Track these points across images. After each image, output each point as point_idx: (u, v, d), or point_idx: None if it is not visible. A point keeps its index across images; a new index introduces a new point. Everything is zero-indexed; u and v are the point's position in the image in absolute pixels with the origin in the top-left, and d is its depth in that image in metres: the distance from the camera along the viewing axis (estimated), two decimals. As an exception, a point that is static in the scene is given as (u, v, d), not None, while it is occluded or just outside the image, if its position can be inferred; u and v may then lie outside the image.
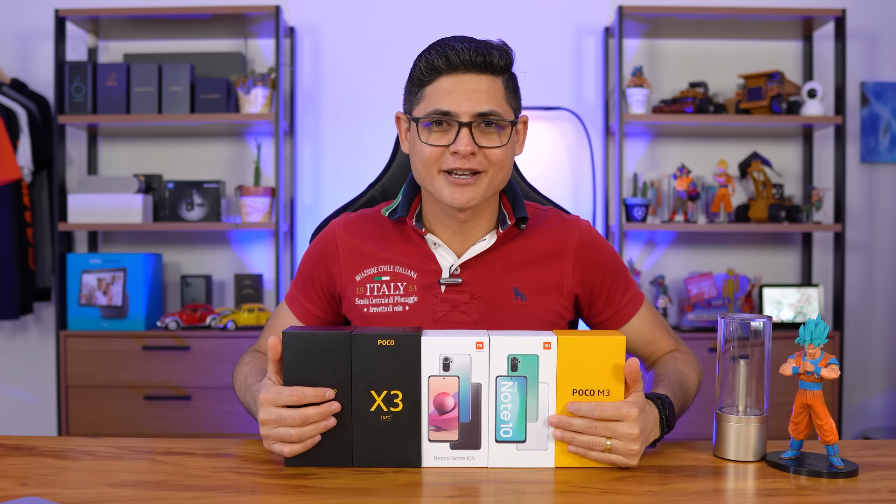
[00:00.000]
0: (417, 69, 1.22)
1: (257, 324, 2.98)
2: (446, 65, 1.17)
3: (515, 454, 1.04)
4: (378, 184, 1.55)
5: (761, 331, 1.07)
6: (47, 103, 3.21)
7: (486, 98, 1.17)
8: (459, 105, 1.17)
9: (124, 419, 2.92)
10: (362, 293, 1.27)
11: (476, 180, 1.19)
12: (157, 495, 0.94)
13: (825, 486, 0.98)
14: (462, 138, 1.16)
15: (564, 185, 3.29)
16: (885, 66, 3.31)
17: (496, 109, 1.18)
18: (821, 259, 3.29)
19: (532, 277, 1.27)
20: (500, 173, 1.21)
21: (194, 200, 3.09)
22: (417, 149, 1.21)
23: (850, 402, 3.32)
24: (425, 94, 1.20)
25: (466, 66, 1.17)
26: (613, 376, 1.03)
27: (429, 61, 1.19)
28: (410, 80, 1.25)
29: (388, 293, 1.26)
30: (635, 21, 3.09)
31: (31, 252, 3.09)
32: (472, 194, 1.19)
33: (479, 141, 1.18)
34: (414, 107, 1.23)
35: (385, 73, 3.27)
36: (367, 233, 1.31)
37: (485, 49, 1.18)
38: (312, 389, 1.02)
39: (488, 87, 1.18)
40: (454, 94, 1.17)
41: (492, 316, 1.25)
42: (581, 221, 1.31)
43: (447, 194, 1.19)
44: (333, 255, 1.30)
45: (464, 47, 1.17)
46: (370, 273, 1.28)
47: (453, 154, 1.18)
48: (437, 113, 1.18)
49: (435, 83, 1.19)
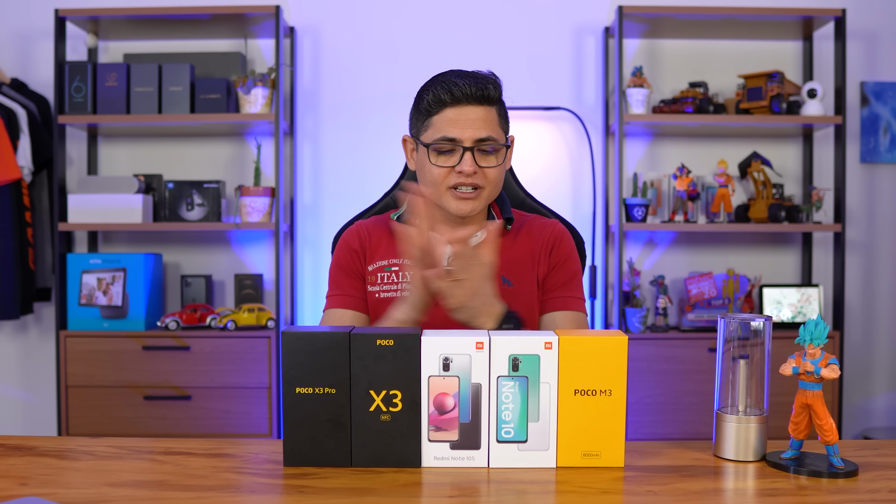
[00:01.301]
0: (425, 101, 1.43)
1: (257, 324, 2.98)
2: (451, 98, 1.40)
3: (517, 454, 1.04)
4: (392, 193, 1.75)
5: (761, 331, 1.07)
6: (47, 103, 3.21)
7: (484, 126, 1.41)
8: (463, 132, 1.40)
9: (124, 419, 2.92)
10: (373, 281, 1.50)
11: (477, 195, 1.43)
12: (157, 495, 0.94)
13: (825, 486, 0.98)
14: (466, 160, 1.40)
15: (564, 185, 3.29)
16: (885, 66, 3.31)
17: (492, 135, 1.41)
18: (821, 259, 3.29)
19: (516, 267, 1.49)
20: (495, 189, 1.47)
21: (194, 200, 3.09)
22: (427, 170, 1.43)
23: (850, 402, 3.32)
24: (432, 122, 1.42)
25: (468, 99, 1.40)
26: (615, 376, 1.03)
27: (435, 95, 1.41)
28: (417, 110, 1.46)
29: (398, 281, 1.48)
30: (635, 21, 3.09)
31: (31, 252, 3.09)
32: (474, 206, 1.44)
33: (479, 162, 1.41)
34: (421, 132, 1.45)
35: (385, 72, 3.27)
36: (380, 233, 1.54)
37: (482, 83, 1.41)
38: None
39: (485, 117, 1.41)
40: (458, 123, 1.40)
41: None
42: (558, 224, 1.55)
43: (454, 206, 1.43)
44: (359, 247, 1.53)
45: (465, 83, 1.40)
46: (381, 265, 1.50)
47: (458, 173, 1.40)
48: (445, 140, 1.40)
49: (441, 114, 1.41)
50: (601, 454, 1.04)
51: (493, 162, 1.42)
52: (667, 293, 3.15)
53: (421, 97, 1.45)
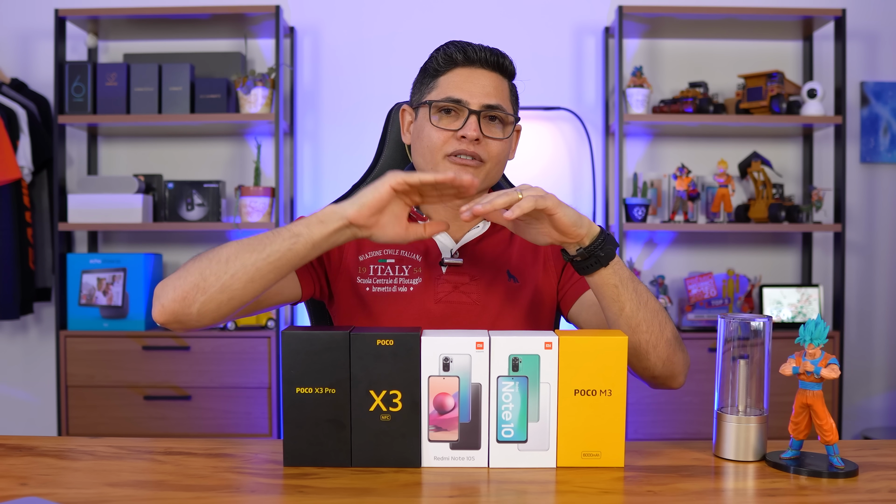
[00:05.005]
0: (434, 60, 1.31)
1: (257, 324, 2.97)
2: (463, 58, 1.28)
3: (517, 454, 1.04)
4: (363, 182, 1.58)
5: (761, 331, 1.07)
6: (47, 103, 3.21)
7: (494, 93, 1.28)
8: (471, 95, 1.26)
9: (124, 419, 2.92)
10: (364, 273, 1.33)
11: (478, 167, 1.28)
12: (157, 495, 0.94)
13: (825, 486, 0.98)
14: (470, 124, 1.25)
15: (564, 185, 3.29)
16: (885, 66, 3.31)
17: (502, 105, 1.28)
18: (821, 259, 3.29)
19: (521, 262, 1.37)
20: (496, 167, 1.31)
21: (194, 200, 3.09)
22: (426, 133, 1.29)
23: (850, 402, 3.32)
24: (439, 83, 1.29)
25: (481, 63, 1.28)
26: (615, 376, 1.03)
27: (447, 54, 1.29)
28: (424, 72, 1.33)
29: (393, 275, 1.33)
30: (635, 21, 3.09)
31: (31, 252, 3.09)
32: (473, 176, 1.25)
33: (484, 130, 1.27)
34: (425, 95, 1.31)
35: (385, 73, 3.27)
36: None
37: (498, 52, 1.30)
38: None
39: (497, 84, 1.29)
40: (467, 85, 1.27)
41: (490, 296, 1.33)
42: None
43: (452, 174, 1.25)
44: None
45: (480, 46, 1.29)
46: (374, 255, 1.34)
47: (460, 139, 1.26)
48: (450, 100, 1.27)
49: (449, 73, 1.29)
50: (601, 454, 1.04)
51: (498, 134, 1.28)
52: (667, 293, 3.15)
53: (430, 59, 1.32)
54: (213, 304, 1.10)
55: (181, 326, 1.14)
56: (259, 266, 1.09)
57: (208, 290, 1.09)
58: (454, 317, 1.31)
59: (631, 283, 1.15)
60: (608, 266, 1.12)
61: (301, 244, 1.09)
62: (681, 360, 1.20)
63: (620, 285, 1.13)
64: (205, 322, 1.13)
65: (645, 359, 1.17)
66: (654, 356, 1.17)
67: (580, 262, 1.14)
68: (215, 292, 1.09)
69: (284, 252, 1.09)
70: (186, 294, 1.10)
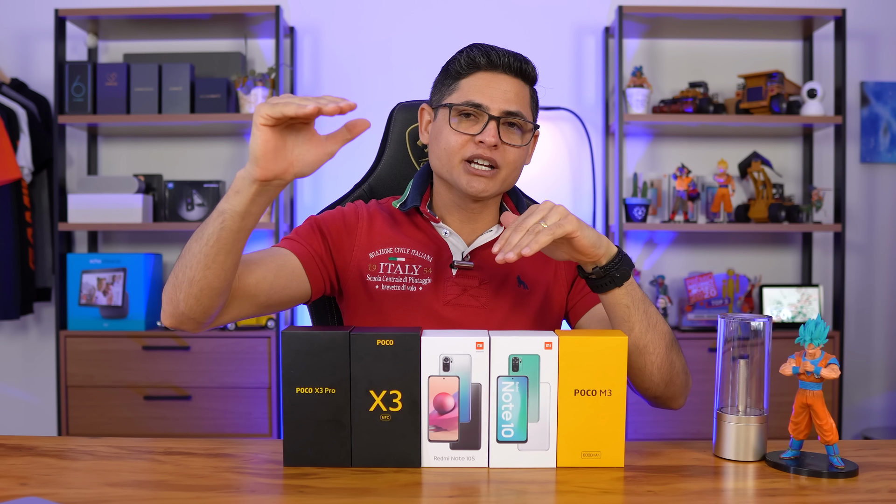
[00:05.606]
0: (457, 62, 1.29)
1: (257, 324, 2.97)
2: (487, 62, 1.27)
3: (517, 454, 1.04)
4: (364, 183, 1.58)
5: (761, 331, 1.07)
6: (47, 103, 3.21)
7: (515, 99, 1.27)
8: (492, 100, 1.26)
9: (124, 419, 2.92)
10: (374, 270, 1.32)
11: (493, 174, 1.27)
12: (157, 495, 0.94)
13: (825, 486, 0.98)
14: (489, 129, 1.24)
15: (564, 185, 3.29)
16: (885, 66, 3.31)
17: (522, 112, 1.28)
18: (821, 259, 3.29)
19: (532, 268, 1.35)
20: (512, 173, 1.30)
21: (194, 200, 3.09)
22: (444, 136, 1.28)
23: (850, 402, 3.32)
24: (460, 86, 1.28)
25: (504, 68, 1.27)
26: (615, 376, 1.03)
27: (470, 57, 1.28)
28: (445, 72, 1.32)
29: (403, 273, 1.32)
30: (635, 21, 3.09)
31: (31, 252, 3.09)
32: (487, 186, 1.27)
33: (503, 137, 1.26)
34: (445, 97, 1.30)
35: (385, 73, 3.27)
36: (384, 218, 1.37)
37: (522, 58, 1.29)
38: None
39: (519, 91, 1.28)
40: (488, 90, 1.26)
41: (498, 301, 1.33)
42: None
43: (465, 182, 1.27)
44: (355, 225, 1.35)
45: (504, 51, 1.28)
46: (385, 253, 1.33)
47: (478, 144, 1.25)
48: (470, 104, 1.26)
49: (471, 77, 1.28)
50: (601, 454, 1.04)
51: (516, 141, 1.28)
52: (667, 293, 3.15)
53: (452, 60, 1.31)
54: (193, 300, 1.10)
55: (189, 326, 1.15)
56: (206, 252, 1.07)
57: (181, 287, 1.10)
58: (462, 320, 1.31)
59: (642, 305, 1.16)
60: (622, 286, 1.14)
61: (230, 219, 1.04)
62: (683, 384, 1.23)
63: (632, 306, 1.15)
64: (201, 318, 1.13)
65: (648, 379, 1.18)
66: (657, 378, 1.18)
67: (595, 280, 1.14)
68: (186, 287, 1.10)
69: (219, 232, 1.05)
70: (171, 296, 1.12)
